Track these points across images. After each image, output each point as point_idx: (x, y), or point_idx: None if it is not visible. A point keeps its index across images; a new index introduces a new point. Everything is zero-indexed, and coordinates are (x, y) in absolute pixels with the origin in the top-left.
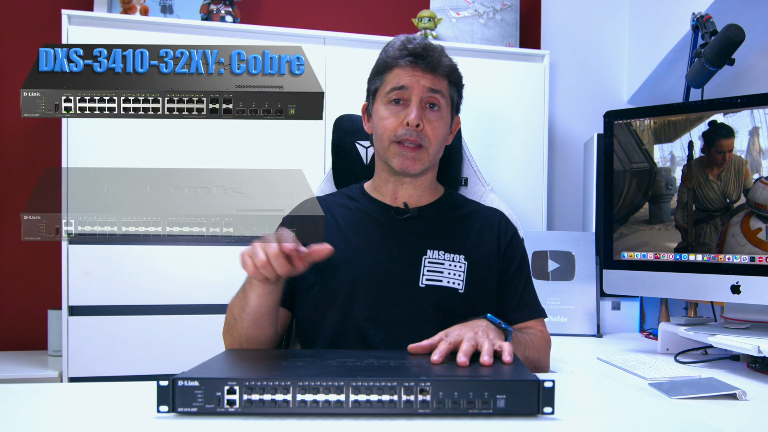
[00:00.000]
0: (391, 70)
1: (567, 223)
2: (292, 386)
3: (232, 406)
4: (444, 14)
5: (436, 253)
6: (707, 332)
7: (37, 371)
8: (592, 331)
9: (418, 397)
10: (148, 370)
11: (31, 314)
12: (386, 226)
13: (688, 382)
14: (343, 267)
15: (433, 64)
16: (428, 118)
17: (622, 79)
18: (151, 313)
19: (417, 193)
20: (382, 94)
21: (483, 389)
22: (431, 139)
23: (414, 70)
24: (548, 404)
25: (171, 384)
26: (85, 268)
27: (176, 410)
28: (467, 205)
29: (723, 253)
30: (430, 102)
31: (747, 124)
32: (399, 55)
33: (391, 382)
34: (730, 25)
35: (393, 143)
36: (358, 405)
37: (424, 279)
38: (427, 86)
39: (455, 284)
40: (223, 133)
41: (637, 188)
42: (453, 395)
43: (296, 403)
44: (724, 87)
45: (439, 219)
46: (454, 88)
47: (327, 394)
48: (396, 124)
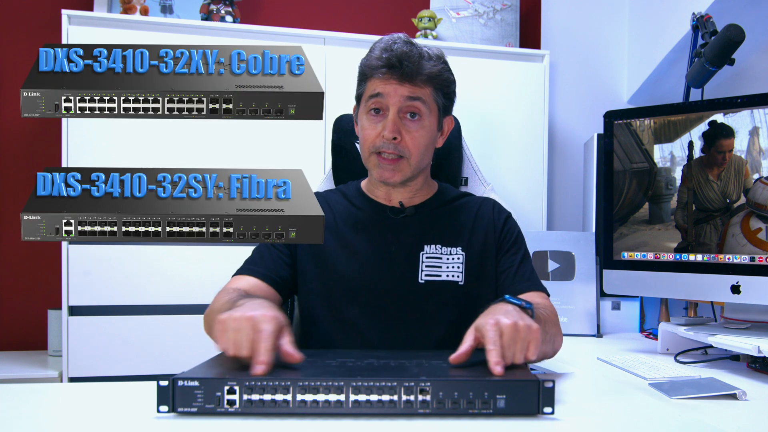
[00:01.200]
0: (369, 79)
1: (567, 223)
2: (292, 386)
3: (232, 406)
4: (444, 14)
5: (433, 247)
6: (707, 332)
7: (37, 371)
8: (592, 331)
9: (418, 397)
10: (148, 371)
11: (31, 314)
12: (383, 226)
13: (688, 382)
14: (341, 267)
15: (410, 73)
16: (408, 129)
17: (622, 79)
18: (152, 313)
19: (410, 195)
20: (363, 101)
21: (483, 389)
22: (411, 149)
23: (390, 79)
24: (548, 404)
25: (171, 384)
26: (85, 268)
27: (176, 410)
28: (460, 197)
29: (723, 253)
30: (410, 111)
31: (747, 124)
32: (375, 66)
33: (391, 382)
34: (730, 25)
35: (373, 154)
36: (358, 405)
37: (423, 275)
38: (404, 95)
39: (455, 277)
40: (223, 132)
41: (637, 188)
42: (453, 395)
43: (296, 403)
44: (724, 87)
45: (434, 214)
46: (440, 93)
47: (327, 394)
48: (374, 135)
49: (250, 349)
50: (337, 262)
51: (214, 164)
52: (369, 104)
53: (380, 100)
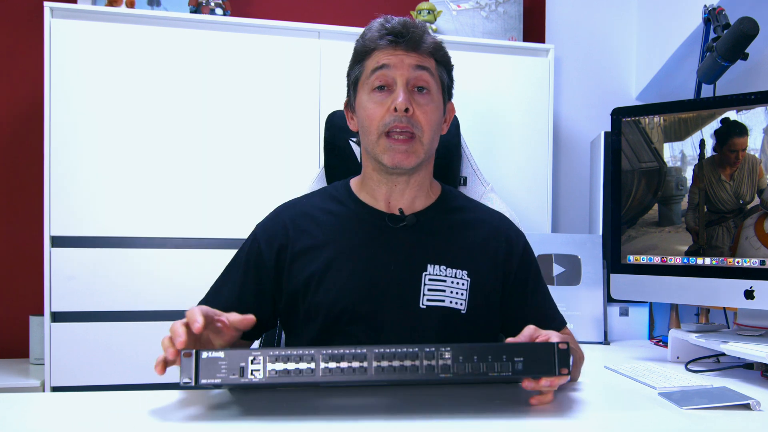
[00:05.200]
0: (371, 55)
1: (573, 225)
2: (315, 355)
3: (256, 376)
4: (444, 6)
5: (437, 268)
6: (719, 339)
7: (18, 380)
8: (599, 338)
9: (439, 361)
10: (134, 379)
11: (12, 320)
12: (380, 237)
13: (700, 392)
14: (331, 288)
15: (415, 41)
16: (418, 102)
17: (631, 75)
18: (138, 320)
19: (412, 194)
20: (363, 82)
21: (501, 353)
22: (423, 125)
23: (395, 49)
24: (564, 365)
25: (194, 356)
26: (68, 273)
27: (199, 382)
28: (469, 209)
29: (736, 257)
30: (418, 85)
31: (761, 122)
32: (377, 36)
33: (413, 348)
34: (743, 18)
35: (382, 136)
36: (381, 371)
37: (425, 299)
38: (412, 64)
39: (457, 304)
40: (214, 129)
41: (646, 189)
42: (473, 359)
43: (321, 371)
44: (737, 83)
45: (439, 227)
46: (443, 68)
47: (350, 361)
48: (382, 111)
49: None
50: (330, 283)
51: (205, 162)
52: (372, 80)
53: (386, 72)
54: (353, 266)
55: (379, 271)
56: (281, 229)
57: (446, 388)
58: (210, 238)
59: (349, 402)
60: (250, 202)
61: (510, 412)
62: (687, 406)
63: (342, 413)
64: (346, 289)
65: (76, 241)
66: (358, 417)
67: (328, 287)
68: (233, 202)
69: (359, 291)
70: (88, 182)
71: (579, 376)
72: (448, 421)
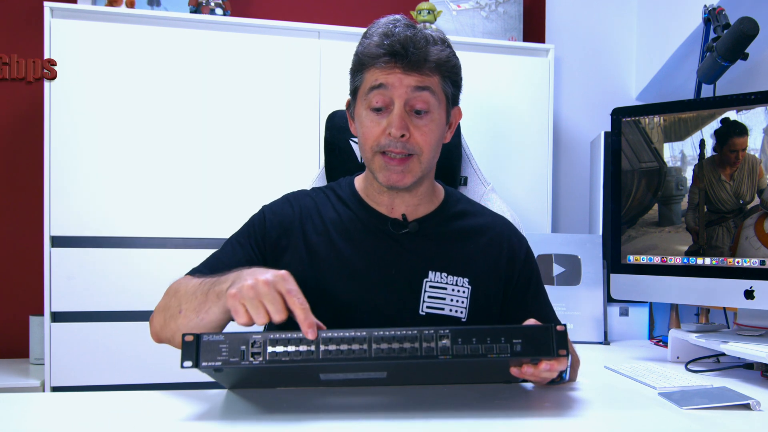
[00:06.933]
0: (369, 69)
1: (572, 225)
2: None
3: (256, 359)
4: (444, 6)
5: (438, 275)
6: (719, 339)
7: (18, 380)
8: (599, 338)
9: (438, 343)
10: (134, 379)
11: (12, 320)
12: (383, 241)
13: (700, 392)
14: (333, 285)
15: (417, 61)
16: (416, 125)
17: (631, 75)
18: (138, 320)
19: (415, 202)
20: (361, 96)
21: (500, 335)
22: (422, 145)
23: (394, 68)
24: (562, 346)
25: (195, 339)
26: (68, 272)
27: (200, 365)
28: (471, 213)
29: (736, 257)
30: (416, 108)
31: (761, 122)
32: (375, 54)
33: (412, 331)
34: (743, 17)
35: (377, 154)
36: (381, 353)
37: (425, 306)
38: (411, 85)
39: (458, 312)
40: (214, 130)
41: (646, 189)
42: (471, 341)
43: (321, 353)
44: (737, 83)
45: (441, 233)
46: (448, 82)
47: (350, 344)
48: (378, 132)
49: (285, 311)
50: (333, 280)
51: (206, 162)
52: (370, 99)
53: (383, 92)
54: (353, 269)
55: (380, 275)
56: (290, 213)
57: (446, 388)
58: (210, 238)
59: (350, 402)
60: (250, 202)
61: (510, 412)
62: (687, 406)
63: (342, 413)
64: (346, 292)
65: (76, 241)
66: (358, 417)
67: (327, 288)
68: (233, 202)
69: (358, 294)
70: (88, 182)
71: (576, 377)
72: (448, 421)
